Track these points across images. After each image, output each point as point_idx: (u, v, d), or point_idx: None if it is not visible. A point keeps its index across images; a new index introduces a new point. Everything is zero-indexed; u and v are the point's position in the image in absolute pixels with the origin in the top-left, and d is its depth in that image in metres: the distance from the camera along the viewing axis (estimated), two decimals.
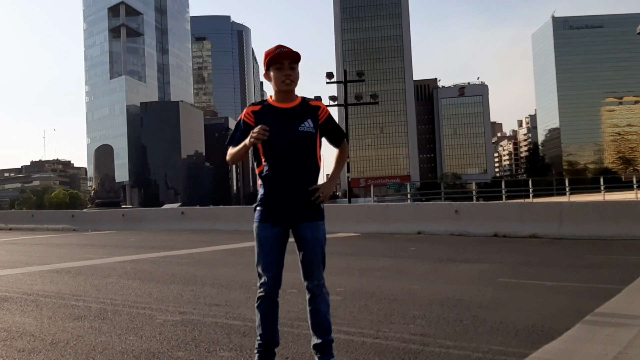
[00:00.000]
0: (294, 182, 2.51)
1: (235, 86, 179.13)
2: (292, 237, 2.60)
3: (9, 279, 6.17)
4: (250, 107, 2.60)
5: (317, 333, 2.56)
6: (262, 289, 2.56)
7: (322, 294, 2.56)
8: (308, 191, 2.53)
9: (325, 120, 2.59)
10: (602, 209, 9.81)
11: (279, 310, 2.62)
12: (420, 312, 3.93)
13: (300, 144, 2.50)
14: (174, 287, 5.30)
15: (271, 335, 2.56)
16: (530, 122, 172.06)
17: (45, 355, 3.04)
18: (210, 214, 16.20)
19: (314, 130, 2.54)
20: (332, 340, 2.59)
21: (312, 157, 2.55)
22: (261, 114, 2.54)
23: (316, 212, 2.56)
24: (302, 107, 2.55)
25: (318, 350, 2.56)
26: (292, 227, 2.56)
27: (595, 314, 3.71)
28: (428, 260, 7.14)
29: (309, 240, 2.54)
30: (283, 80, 2.49)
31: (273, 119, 2.50)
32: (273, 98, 2.57)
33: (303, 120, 2.52)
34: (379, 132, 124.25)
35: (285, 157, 2.50)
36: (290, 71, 2.49)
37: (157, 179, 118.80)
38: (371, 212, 12.50)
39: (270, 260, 2.54)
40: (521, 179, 42.43)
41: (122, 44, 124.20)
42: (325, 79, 26.57)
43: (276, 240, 2.55)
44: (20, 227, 18.77)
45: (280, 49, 2.49)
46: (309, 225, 2.54)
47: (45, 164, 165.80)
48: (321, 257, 2.57)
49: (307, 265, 2.55)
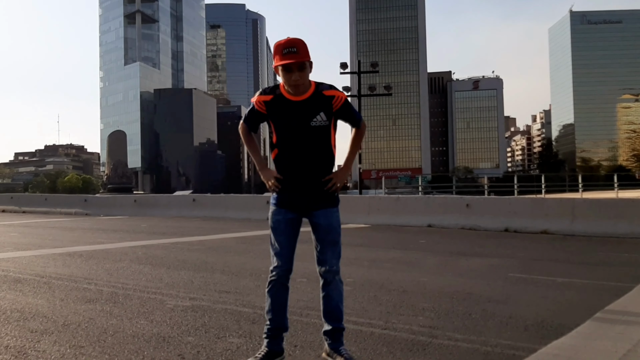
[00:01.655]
0: (306, 173, 2.51)
1: (248, 75, 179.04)
2: (308, 226, 2.61)
3: (22, 261, 6.27)
4: (261, 95, 2.53)
5: (327, 320, 2.59)
6: (274, 272, 2.58)
7: (335, 281, 2.57)
8: (321, 180, 2.53)
9: (340, 108, 2.52)
10: (614, 206, 9.68)
11: (288, 296, 2.63)
12: (430, 304, 3.93)
13: (312, 138, 2.47)
14: (185, 273, 5.35)
15: (280, 320, 2.58)
16: (544, 118, 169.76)
17: (57, 336, 3.09)
18: (222, 201, 16.27)
19: (327, 122, 2.49)
20: (342, 328, 2.60)
21: (325, 149, 2.54)
22: (272, 105, 2.50)
23: (330, 200, 2.57)
24: (315, 98, 2.47)
25: (328, 336, 2.59)
26: (307, 214, 2.57)
27: (606, 311, 3.67)
28: (438, 253, 7.12)
29: (322, 226, 2.55)
30: (290, 85, 2.43)
31: (284, 113, 2.46)
32: (285, 88, 2.49)
33: (315, 115, 2.46)
34: (392, 124, 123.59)
35: (297, 151, 2.50)
36: (298, 75, 2.39)
37: (169, 166, 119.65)
38: (382, 203, 12.47)
39: (283, 242, 2.56)
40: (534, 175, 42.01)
41: (137, 30, 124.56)
42: (339, 69, 26.43)
43: (289, 225, 2.56)
44: (33, 210, 19.05)
45: (290, 49, 2.36)
46: (322, 212, 2.55)
47: (59, 148, 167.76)
48: (334, 243, 2.57)
49: (320, 251, 2.57)
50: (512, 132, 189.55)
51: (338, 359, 2.51)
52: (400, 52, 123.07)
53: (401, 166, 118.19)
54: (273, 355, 2.53)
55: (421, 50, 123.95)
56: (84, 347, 2.86)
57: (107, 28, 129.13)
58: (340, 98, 2.51)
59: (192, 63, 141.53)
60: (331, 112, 2.50)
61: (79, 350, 2.80)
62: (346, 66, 27.02)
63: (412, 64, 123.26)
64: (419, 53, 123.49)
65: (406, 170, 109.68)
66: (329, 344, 2.59)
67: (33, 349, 2.84)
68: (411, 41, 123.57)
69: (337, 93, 2.51)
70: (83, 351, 2.80)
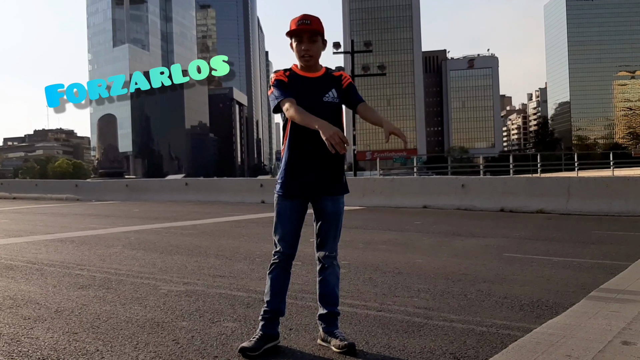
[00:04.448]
0: (316, 153, 2.46)
1: (240, 56, 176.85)
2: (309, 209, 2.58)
3: (13, 248, 6.22)
4: (278, 72, 2.56)
5: (323, 304, 2.59)
6: (277, 257, 2.56)
7: (333, 266, 2.58)
8: (330, 164, 2.50)
9: (348, 85, 2.58)
10: (610, 184, 9.71)
11: (289, 282, 2.61)
12: (425, 285, 3.92)
13: (324, 114, 2.46)
14: (178, 257, 5.32)
15: (278, 304, 2.56)
16: (540, 96, 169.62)
17: (51, 323, 3.06)
18: (214, 185, 16.21)
19: (338, 100, 2.54)
20: (337, 313, 2.60)
21: (337, 126, 2.49)
22: (289, 79, 2.52)
23: (340, 186, 2.55)
24: (326, 78, 2.55)
25: (323, 320, 2.58)
26: (314, 199, 2.54)
27: (601, 290, 3.69)
28: (433, 234, 7.12)
29: (329, 213, 2.54)
30: (302, 55, 2.47)
31: (298, 87, 2.49)
32: (298, 66, 2.54)
33: (327, 90, 2.52)
34: (386, 105, 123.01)
35: (308, 127, 2.44)
36: (309, 45, 2.45)
37: (160, 150, 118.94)
38: (377, 185, 12.45)
39: (289, 230, 2.53)
40: (529, 154, 42.12)
41: (125, 11, 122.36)
42: (332, 49, 26.11)
43: (295, 211, 2.53)
44: (24, 196, 18.93)
45: (303, 20, 2.44)
46: (331, 198, 2.53)
47: (49, 133, 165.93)
48: (338, 229, 2.58)
49: (323, 237, 2.56)
50: (508, 111, 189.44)
51: (333, 342, 2.50)
52: (394, 31, 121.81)
53: (396, 147, 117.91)
54: (268, 339, 2.51)
55: (415, 28, 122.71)
56: (77, 334, 2.84)
57: (95, 9, 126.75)
58: (348, 77, 2.61)
59: (182, 44, 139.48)
60: (341, 89, 2.55)
61: (73, 337, 2.78)
62: (339, 46, 26.67)
63: (407, 42, 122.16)
64: (413, 31, 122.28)
65: (401, 151, 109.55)
66: (323, 328, 2.58)
67: (26, 336, 2.81)
68: (405, 19, 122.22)
69: (345, 73, 2.63)
70: (77, 337, 2.77)
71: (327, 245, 2.56)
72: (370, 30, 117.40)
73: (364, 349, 2.56)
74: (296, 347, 2.60)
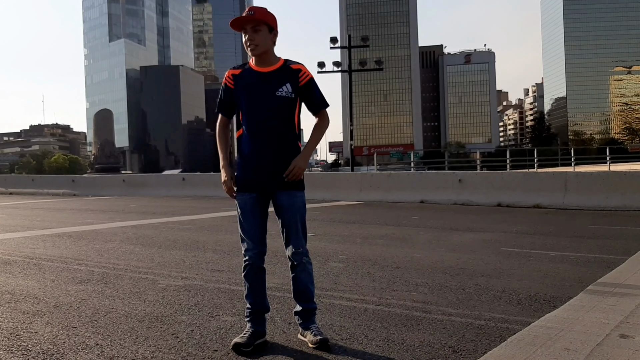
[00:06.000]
0: (269, 148, 2.46)
1: (237, 51, 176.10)
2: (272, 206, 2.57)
3: (11, 243, 6.20)
4: (231, 70, 2.57)
5: (297, 301, 2.59)
6: (247, 256, 2.54)
7: (302, 263, 2.54)
8: (284, 159, 2.47)
9: (305, 84, 2.50)
10: (607, 179, 9.74)
11: (266, 276, 2.61)
12: (423, 279, 3.93)
13: (276, 109, 2.45)
14: (176, 252, 5.31)
15: (261, 302, 2.57)
16: (536, 91, 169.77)
17: (50, 317, 3.05)
18: (212, 180, 16.17)
19: (293, 94, 2.48)
20: (313, 308, 2.59)
21: (289, 123, 2.50)
22: (240, 78, 2.51)
23: (293, 181, 2.50)
24: (282, 71, 2.48)
25: (300, 316, 2.59)
26: (271, 195, 2.53)
27: (598, 284, 3.70)
28: (431, 229, 7.14)
29: (285, 208, 2.51)
30: (247, 46, 2.44)
31: (251, 83, 2.47)
32: (253, 61, 2.51)
33: (281, 85, 2.46)
34: (383, 100, 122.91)
35: (260, 123, 2.46)
36: (253, 34, 2.41)
37: (157, 145, 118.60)
38: (374, 180, 12.46)
39: (252, 224, 2.52)
40: (526, 149, 42.16)
41: (121, 5, 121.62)
42: (329, 44, 26.09)
43: (255, 205, 2.52)
44: (20, 192, 18.85)
45: (247, 12, 2.41)
46: (286, 193, 2.51)
47: (45, 128, 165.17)
48: (299, 225, 2.54)
49: (286, 233, 2.54)
50: (505, 106, 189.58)
51: (308, 337, 2.51)
52: (391, 26, 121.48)
53: (393, 142, 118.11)
54: (259, 335, 2.53)
55: (412, 23, 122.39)
56: (76, 328, 2.83)
57: (91, 4, 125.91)
58: (307, 74, 2.52)
59: (179, 39, 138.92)
60: (297, 86, 2.48)
61: (72, 331, 2.78)
62: (336, 40, 26.65)
63: (403, 37, 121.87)
64: (409, 26, 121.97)
65: (398, 146, 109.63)
66: (300, 323, 2.59)
67: (25, 330, 2.81)
68: (402, 14, 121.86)
69: (304, 68, 2.53)
70: (76, 332, 2.77)
71: (292, 241, 2.52)
72: (367, 25, 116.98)
73: (363, 342, 2.57)
74: (295, 340, 2.61)
